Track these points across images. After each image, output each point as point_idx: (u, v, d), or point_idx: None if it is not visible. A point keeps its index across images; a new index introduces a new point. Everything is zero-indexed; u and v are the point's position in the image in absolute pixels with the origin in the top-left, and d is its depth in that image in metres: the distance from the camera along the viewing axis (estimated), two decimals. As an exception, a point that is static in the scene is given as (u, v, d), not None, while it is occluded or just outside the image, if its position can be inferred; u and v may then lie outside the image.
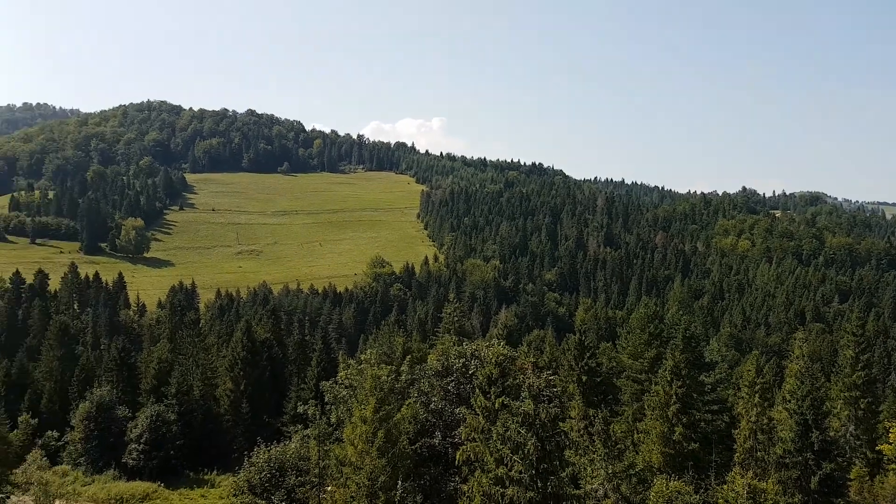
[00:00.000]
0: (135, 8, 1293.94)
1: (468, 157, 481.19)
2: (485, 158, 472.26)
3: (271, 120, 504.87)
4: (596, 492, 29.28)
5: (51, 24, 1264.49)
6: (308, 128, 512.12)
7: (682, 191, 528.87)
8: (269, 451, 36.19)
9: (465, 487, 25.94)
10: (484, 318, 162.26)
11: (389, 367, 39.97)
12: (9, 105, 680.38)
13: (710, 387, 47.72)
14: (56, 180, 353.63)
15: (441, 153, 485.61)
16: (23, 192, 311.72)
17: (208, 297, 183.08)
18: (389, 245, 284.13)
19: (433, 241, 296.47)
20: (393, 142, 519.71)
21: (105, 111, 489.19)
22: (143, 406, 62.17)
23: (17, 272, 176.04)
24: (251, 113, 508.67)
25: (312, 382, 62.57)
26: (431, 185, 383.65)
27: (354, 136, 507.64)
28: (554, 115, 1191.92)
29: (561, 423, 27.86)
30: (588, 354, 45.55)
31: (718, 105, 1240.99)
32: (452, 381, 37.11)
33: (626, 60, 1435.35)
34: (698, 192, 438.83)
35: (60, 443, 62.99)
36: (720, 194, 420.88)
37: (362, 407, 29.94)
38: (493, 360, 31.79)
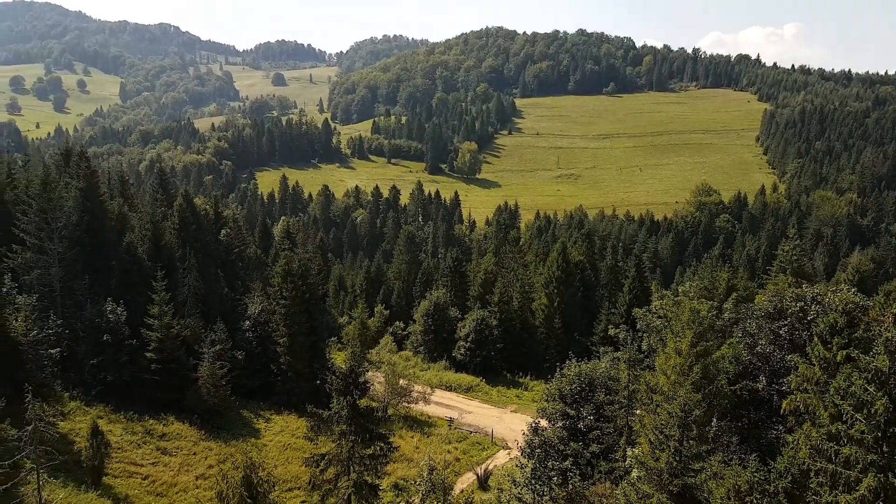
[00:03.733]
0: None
1: (827, 69, 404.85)
2: (849, 71, 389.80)
3: (601, 38, 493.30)
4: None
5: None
6: (639, 45, 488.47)
7: None
8: (579, 365, 37.34)
9: (789, 438, 23.49)
10: (830, 259, 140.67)
11: (710, 302, 37.55)
12: (371, 38, 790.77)
13: None
14: (408, 106, 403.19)
15: (792, 66, 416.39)
16: (381, 118, 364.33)
17: (528, 217, 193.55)
18: (718, 171, 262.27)
19: (773, 168, 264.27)
20: (734, 54, 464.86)
21: (449, 40, 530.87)
22: (471, 310, 69.33)
23: (377, 187, 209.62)
24: (581, 33, 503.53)
25: (623, 308, 62.53)
26: (777, 104, 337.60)
27: (689, 51, 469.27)
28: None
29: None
30: (973, 313, 36.70)
31: None
32: (785, 325, 33.38)
33: None
34: None
35: (405, 332, 74.14)
36: None
37: (677, 339, 28.71)
38: (839, 308, 27.77)
